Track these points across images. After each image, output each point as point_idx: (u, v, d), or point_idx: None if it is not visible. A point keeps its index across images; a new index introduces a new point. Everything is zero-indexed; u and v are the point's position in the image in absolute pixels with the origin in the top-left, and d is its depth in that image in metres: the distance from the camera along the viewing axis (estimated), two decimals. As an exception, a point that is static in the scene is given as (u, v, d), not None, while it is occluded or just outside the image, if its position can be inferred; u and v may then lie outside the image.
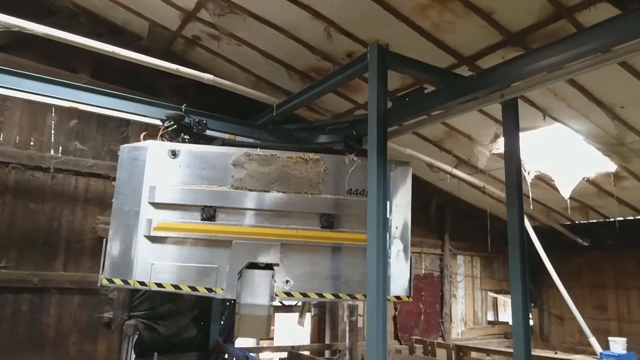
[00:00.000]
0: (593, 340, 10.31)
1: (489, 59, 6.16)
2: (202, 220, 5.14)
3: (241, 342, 8.69)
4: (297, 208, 5.21)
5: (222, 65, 7.95)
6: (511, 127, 5.50)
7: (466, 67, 6.38)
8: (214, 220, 5.15)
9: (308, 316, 9.58)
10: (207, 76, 6.72)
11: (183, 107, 6.50)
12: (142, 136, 6.08)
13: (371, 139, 4.53)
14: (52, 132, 7.15)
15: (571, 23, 5.31)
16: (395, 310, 10.74)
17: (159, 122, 6.49)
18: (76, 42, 5.83)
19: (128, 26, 7.73)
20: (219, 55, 7.73)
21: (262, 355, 8.99)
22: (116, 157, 7.46)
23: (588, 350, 10.65)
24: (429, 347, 9.34)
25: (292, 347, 8.33)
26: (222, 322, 7.86)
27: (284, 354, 7.99)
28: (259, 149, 5.55)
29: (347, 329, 9.34)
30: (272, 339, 12.10)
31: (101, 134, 7.58)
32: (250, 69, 7.91)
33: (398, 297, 5.14)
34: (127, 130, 7.72)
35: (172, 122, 5.99)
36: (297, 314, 9.82)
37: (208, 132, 6.29)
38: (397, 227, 5.30)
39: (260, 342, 11.53)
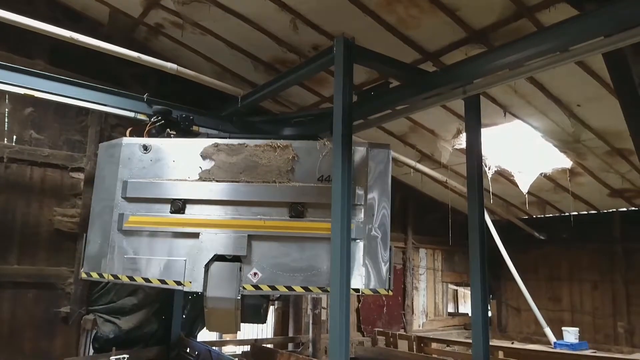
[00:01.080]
0: (548, 330, 10.72)
1: (452, 55, 6.25)
2: (171, 213, 5.12)
3: (203, 336, 8.60)
4: (265, 198, 4.99)
5: (186, 54, 7.80)
6: (473, 123, 5.61)
7: (430, 63, 6.45)
8: (183, 213, 5.12)
9: (271, 309, 9.56)
10: (170, 65, 6.57)
11: (145, 96, 6.37)
12: (128, 132, 5.99)
13: (336, 133, 4.53)
14: (6, 120, 6.86)
15: (532, 22, 5.44)
16: (359, 303, 10.85)
17: (120, 112, 6.37)
18: (31, 26, 5.59)
19: (88, 12, 7.47)
20: (183, 44, 7.57)
21: (225, 348, 8.92)
22: (74, 146, 7.37)
23: (543, 340, 11.06)
24: (391, 339, 9.48)
25: (256, 340, 8.30)
26: (184, 316, 7.76)
27: (247, 348, 7.97)
28: (227, 139, 5.42)
29: (311, 321, 9.40)
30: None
31: (59, 123, 7.31)
32: (215, 59, 7.79)
33: (375, 290, 4.77)
34: (86, 120, 7.48)
35: (159, 117, 5.97)
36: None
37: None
38: (373, 215, 4.91)
39: (223, 335, 11.46)
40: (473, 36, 5.92)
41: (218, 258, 4.95)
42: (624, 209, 11.14)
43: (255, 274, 4.88)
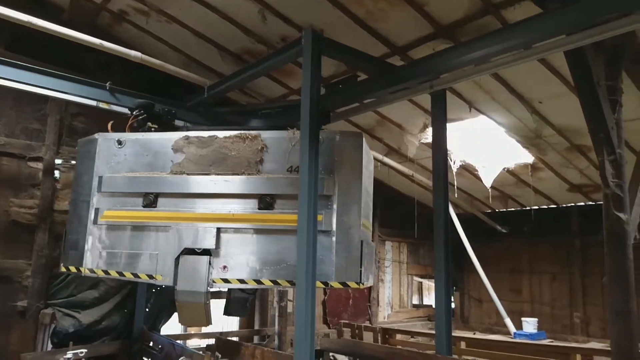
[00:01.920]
0: (508, 320, 11.03)
1: (420, 50, 6.30)
2: (143, 207, 5.11)
3: (167, 330, 8.48)
4: (234, 190, 4.90)
5: (151, 42, 7.61)
6: (439, 118, 5.68)
7: (398, 57, 6.49)
8: (155, 207, 5.10)
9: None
10: (134, 53, 6.41)
11: (107, 84, 6.20)
12: (109, 125, 5.85)
13: (304, 126, 4.50)
14: (-41, 106, 6.56)
15: (497, 19, 5.53)
16: (325, 295, 10.90)
17: (81, 100, 6.18)
18: (-15, 9, 5.36)
19: (48, -4, 7.20)
20: (148, 32, 7.39)
21: (189, 342, 8.81)
22: (32, 135, 7.12)
23: (503, 330, 11.38)
24: (357, 331, 9.57)
25: (221, 333, 8.23)
26: (147, 310, 7.62)
27: (212, 341, 7.89)
28: (198, 131, 5.33)
29: (277, 314, 9.39)
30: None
31: (16, 111, 7.03)
32: (181, 48, 7.63)
33: (345, 284, 4.56)
34: (45, 108, 7.21)
35: (141, 111, 5.87)
36: (223, 300, 9.73)
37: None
38: (342, 205, 4.69)
39: (188, 329, 11.33)
40: (440, 31, 5.98)
41: (188, 251, 4.88)
42: (582, 204, 11.53)
43: (224, 267, 4.80)
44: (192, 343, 8.80)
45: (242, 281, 4.72)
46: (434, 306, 13.96)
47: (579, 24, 3.97)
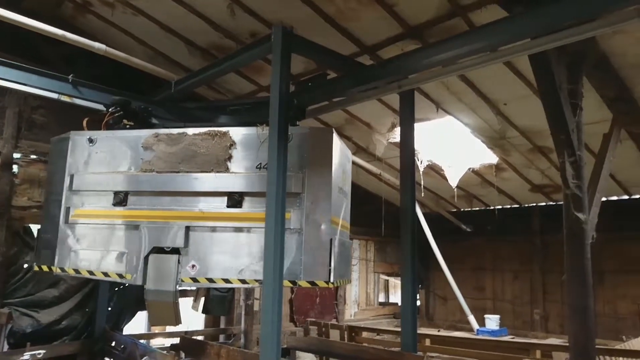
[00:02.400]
0: (471, 318, 11.26)
1: (389, 49, 6.35)
2: (113, 205, 5.06)
3: (130, 329, 8.31)
4: (202, 188, 4.83)
5: (117, 35, 7.42)
6: (407, 117, 5.74)
7: (367, 56, 6.52)
8: (125, 205, 5.05)
9: (203, 300, 9.37)
10: (98, 45, 6.23)
11: (70, 77, 6.00)
12: (84, 122, 5.74)
13: (272, 124, 4.45)
14: None
15: (465, 21, 5.63)
16: (292, 294, 10.88)
17: (41, 92, 5.96)
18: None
19: (7, -16, 6.92)
20: (113, 24, 7.20)
21: (153, 341, 8.65)
22: (-12, 128, 6.84)
23: (467, 327, 11.61)
24: (323, 329, 9.58)
25: (185, 332, 8.11)
26: (109, 309, 7.44)
27: (177, 340, 7.76)
28: (167, 128, 5.27)
29: (243, 312, 9.31)
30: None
31: (-29, 103, 6.75)
32: (148, 41, 7.47)
33: (312, 283, 4.46)
34: (3, 101, 6.94)
35: (117, 108, 5.77)
36: (191, 298, 9.59)
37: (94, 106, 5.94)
38: (311, 203, 4.58)
39: (152, 328, 11.13)
40: (409, 32, 6.03)
41: (158, 250, 4.81)
42: (543, 204, 11.87)
43: (193, 266, 4.73)
44: (156, 342, 8.64)
45: (210, 280, 4.65)
46: (399, 304, 14.15)
47: (543, 29, 4.07)
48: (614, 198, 10.63)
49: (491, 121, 7.97)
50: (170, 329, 10.55)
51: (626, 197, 10.62)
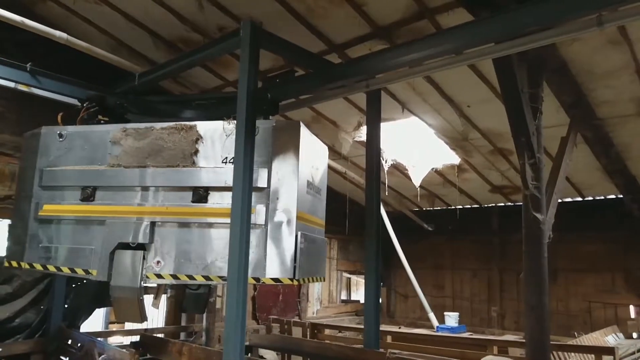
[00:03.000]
0: (431, 315, 11.47)
1: (357, 49, 6.39)
2: (81, 200, 5.00)
3: (87, 327, 8.08)
4: (168, 183, 4.75)
5: (78, 24, 7.19)
6: (374, 117, 5.80)
7: (336, 55, 6.55)
8: (93, 200, 4.99)
9: (164, 297, 9.22)
10: (59, 34, 6.02)
11: (28, 66, 5.78)
12: (59, 117, 5.64)
13: (240, 119, 4.40)
14: None
15: (432, 23, 5.72)
16: (255, 291, 10.82)
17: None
18: None
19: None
20: (75, 12, 6.97)
21: (111, 339, 8.44)
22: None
23: (427, 324, 11.83)
24: (286, 326, 9.58)
25: (145, 329, 7.95)
26: (66, 306, 7.21)
27: (137, 338, 7.60)
28: (135, 123, 5.19)
29: (205, 310, 9.19)
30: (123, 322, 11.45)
31: None
32: (111, 32, 7.27)
33: (276, 280, 4.37)
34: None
35: (93, 104, 5.72)
36: (151, 296, 9.40)
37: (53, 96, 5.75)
38: (278, 198, 4.49)
39: (109, 325, 10.85)
40: (378, 32, 6.09)
41: (124, 246, 4.73)
42: (502, 204, 12.23)
43: (158, 262, 4.64)
44: (114, 340, 8.44)
45: (175, 277, 4.57)
46: (361, 301, 14.28)
47: (507, 34, 4.18)
48: (568, 200, 11.04)
49: (455, 123, 8.14)
50: (129, 326, 10.35)
51: (580, 199, 11.05)
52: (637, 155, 8.56)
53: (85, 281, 7.49)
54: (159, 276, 4.60)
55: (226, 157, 4.64)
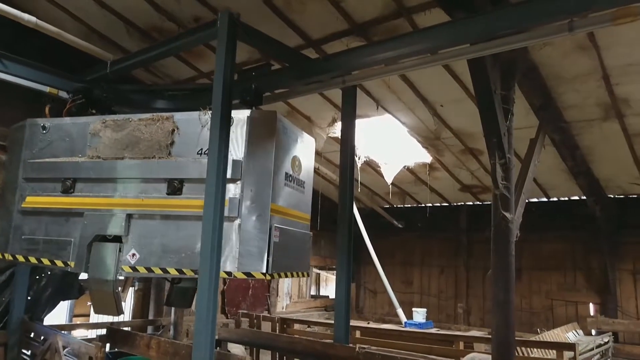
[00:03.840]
0: (400, 311, 11.62)
1: (334, 44, 6.40)
2: (61, 192, 4.98)
3: (51, 320, 7.88)
4: (144, 174, 4.66)
5: (49, 8, 6.96)
6: (349, 113, 5.81)
7: (313, 50, 6.54)
8: (72, 192, 4.95)
9: (131, 290, 9.07)
10: (27, 17, 5.81)
11: (-7, 48, 5.58)
12: (46, 109, 5.59)
13: (215, 112, 4.33)
14: None
15: (409, 22, 5.78)
16: (224, 285, 10.75)
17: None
18: None
19: None
20: (45, -4, 6.76)
21: (75, 332, 8.26)
22: None
23: (395, 320, 11.98)
24: (255, 320, 9.55)
25: (112, 323, 7.80)
26: (29, 298, 7.01)
27: (102, 331, 7.46)
28: (115, 115, 5.15)
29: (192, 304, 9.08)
30: (88, 315, 11.23)
31: None
32: (83, 18, 7.07)
33: (248, 274, 4.26)
34: None
35: (79, 96, 5.65)
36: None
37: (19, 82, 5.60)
38: (251, 190, 4.36)
39: (73, 318, 10.61)
40: (355, 29, 6.11)
41: (101, 238, 4.68)
42: (471, 203, 12.47)
43: (133, 255, 4.55)
44: (79, 334, 8.26)
45: (149, 269, 4.48)
46: (330, 297, 14.35)
47: (482, 36, 4.25)
48: (534, 200, 11.34)
49: (427, 121, 8.25)
50: (94, 319, 10.14)
51: (545, 199, 11.37)
52: (601, 159, 8.86)
53: (49, 273, 7.31)
54: (134, 269, 4.52)
55: (201, 149, 4.53)
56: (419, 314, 10.99)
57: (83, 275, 8.11)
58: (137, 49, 6.43)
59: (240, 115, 4.56)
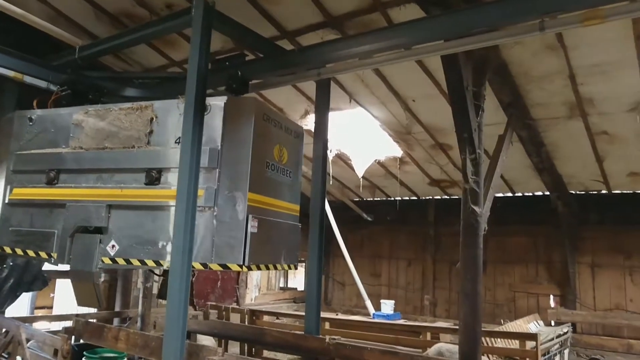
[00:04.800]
0: (368, 302, 11.75)
1: (309, 36, 6.38)
2: (45, 184, 4.96)
3: (11, 312, 7.67)
4: (123, 164, 4.57)
5: (12, -11, 6.70)
6: (322, 106, 5.81)
7: (287, 42, 6.50)
8: (56, 184, 4.91)
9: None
10: (-11, -3, 5.60)
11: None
12: (35, 103, 5.48)
13: (188, 101, 4.25)
14: None
15: (384, 17, 5.81)
16: (193, 277, 10.62)
17: None
18: None
19: None
20: (8, -24, 6.49)
21: (37, 325, 8.05)
22: None
23: (363, 311, 12.12)
24: (224, 312, 9.51)
25: (77, 315, 7.64)
26: (-11, 289, 6.81)
27: (67, 323, 7.30)
28: (98, 105, 5.09)
29: (141, 295, 8.94)
30: (51, 307, 10.96)
31: None
32: (49, 0, 6.83)
33: (225, 266, 4.15)
34: None
35: (65, 87, 5.56)
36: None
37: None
38: (228, 179, 4.24)
39: (35, 310, 10.35)
40: (330, 21, 6.11)
41: (83, 230, 4.62)
42: (439, 197, 12.69)
43: (113, 246, 4.47)
44: (41, 326, 8.06)
45: (127, 261, 4.41)
46: (299, 289, 14.40)
47: (455, 32, 4.32)
48: (500, 195, 11.62)
49: (399, 116, 8.33)
50: (57, 311, 9.90)
51: (510, 194, 11.67)
52: (564, 156, 9.15)
53: (11, 263, 7.11)
54: (113, 260, 4.45)
55: (179, 138, 4.37)
56: (387, 306, 11.13)
57: (47, 267, 7.96)
58: (106, 34, 6.27)
59: (218, 102, 4.44)
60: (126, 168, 4.58)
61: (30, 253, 4.94)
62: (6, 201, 5.21)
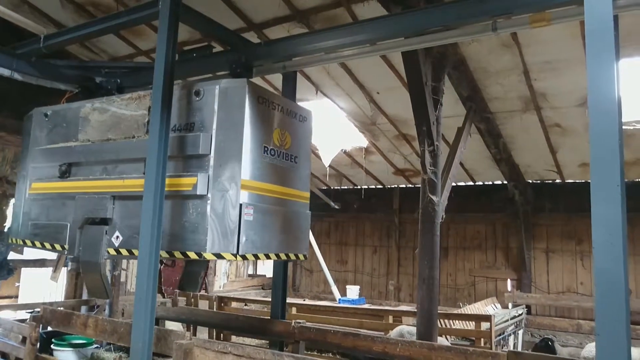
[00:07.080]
0: (334, 288, 12.07)
1: (275, 29, 6.51)
2: (58, 178, 5.06)
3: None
4: (124, 155, 4.57)
5: (-28, -26, 6.58)
6: (289, 97, 5.97)
7: (254, 34, 6.62)
8: (68, 177, 5.03)
9: (64, 270, 8.89)
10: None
11: None
12: (62, 100, 5.64)
13: (156, 92, 4.32)
14: None
15: (348, 12, 5.99)
16: (161, 265, 10.69)
17: None
18: None
19: None
20: (-32, -40, 6.37)
21: (2, 314, 8.01)
22: None
23: (329, 297, 12.43)
24: (192, 299, 9.64)
25: (43, 303, 7.64)
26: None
27: (33, 312, 7.29)
28: (103, 97, 5.09)
29: (109, 283, 8.98)
30: (17, 296, 10.87)
31: None
32: (11, -14, 6.76)
33: (219, 255, 4.00)
34: None
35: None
36: (50, 269, 9.00)
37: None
38: (220, 165, 4.09)
39: (-1, 300, 10.25)
40: (296, 15, 6.25)
41: (91, 222, 4.66)
42: (403, 186, 13.05)
43: (117, 237, 4.47)
44: (7, 315, 8.03)
45: (130, 252, 4.40)
46: (267, 276, 14.60)
47: (415, 30, 4.54)
48: (461, 184, 12.05)
49: (365, 107, 8.57)
50: (22, 300, 9.83)
51: (471, 183, 12.12)
52: (520, 147, 9.58)
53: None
54: (117, 251, 4.46)
55: (175, 125, 4.35)
56: (352, 291, 11.47)
57: (12, 256, 7.92)
58: (71, 22, 6.25)
59: (210, 87, 4.33)
60: (127, 158, 4.59)
61: (47, 246, 5.10)
62: (26, 196, 5.37)
